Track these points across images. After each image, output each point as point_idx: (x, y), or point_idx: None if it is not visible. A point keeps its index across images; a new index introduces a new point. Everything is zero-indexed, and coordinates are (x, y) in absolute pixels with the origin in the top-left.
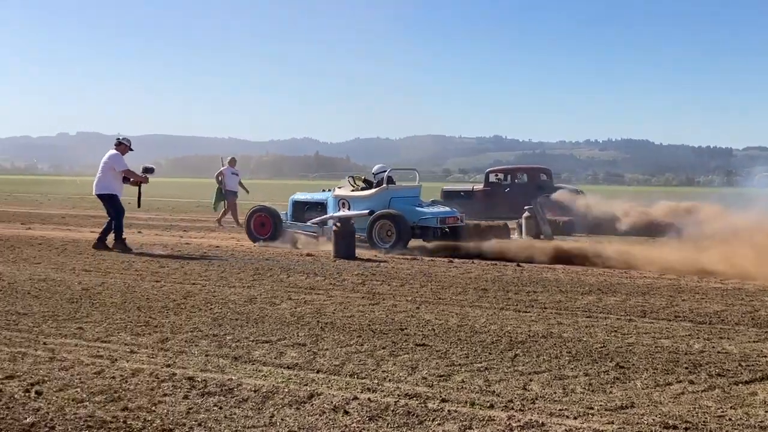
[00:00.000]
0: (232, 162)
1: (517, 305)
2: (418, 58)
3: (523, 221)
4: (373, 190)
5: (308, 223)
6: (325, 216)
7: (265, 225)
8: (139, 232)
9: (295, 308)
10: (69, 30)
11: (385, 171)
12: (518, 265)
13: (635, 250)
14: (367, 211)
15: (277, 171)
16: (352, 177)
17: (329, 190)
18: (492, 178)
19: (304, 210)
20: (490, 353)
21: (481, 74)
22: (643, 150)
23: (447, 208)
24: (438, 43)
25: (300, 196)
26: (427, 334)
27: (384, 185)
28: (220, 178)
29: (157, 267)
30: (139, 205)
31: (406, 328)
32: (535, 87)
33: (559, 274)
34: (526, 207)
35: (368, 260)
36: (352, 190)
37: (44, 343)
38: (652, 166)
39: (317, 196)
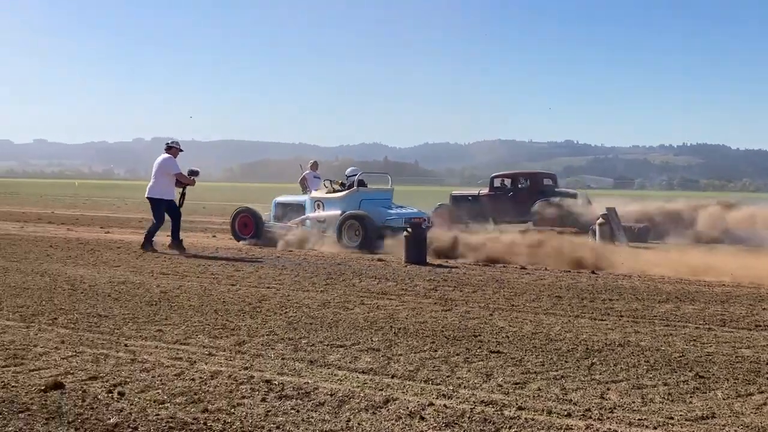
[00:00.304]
0: (314, 166)
1: (592, 313)
2: (488, 61)
3: (597, 228)
4: (344, 193)
5: (288, 223)
6: (302, 216)
7: (247, 225)
8: (214, 236)
9: (368, 313)
10: (143, 37)
11: (356, 175)
12: (593, 272)
13: None
14: (339, 212)
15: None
16: (329, 180)
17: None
18: (496, 182)
19: (286, 211)
20: (566, 361)
21: (553, 77)
22: (720, 155)
23: (414, 209)
24: (507, 46)
25: (282, 198)
26: (501, 341)
27: (354, 188)
28: (305, 184)
29: (232, 271)
30: (180, 206)
31: (479, 335)
32: (609, 90)
33: (635, 282)
34: (600, 213)
35: (439, 266)
36: (327, 193)
37: (125, 345)
38: (728, 171)
39: (297, 198)
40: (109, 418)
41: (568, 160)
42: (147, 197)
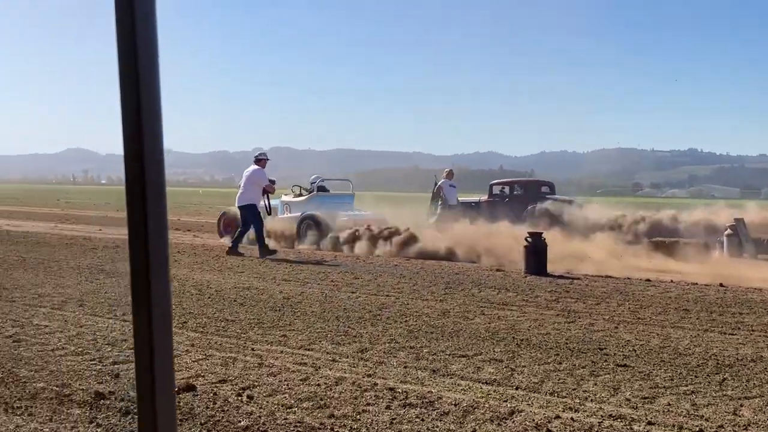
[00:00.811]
0: (450, 174)
1: (722, 327)
2: (608, 67)
3: (725, 239)
4: (306, 196)
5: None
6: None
7: (229, 225)
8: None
9: (489, 323)
10: (261, 51)
11: (316, 181)
12: (721, 285)
13: None
14: (300, 213)
15: (460, 185)
16: (298, 186)
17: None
18: (495, 190)
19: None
20: (695, 376)
21: (676, 83)
22: None
23: (370, 213)
24: (627, 51)
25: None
26: (627, 355)
27: (314, 192)
28: (441, 193)
29: (351, 278)
30: (269, 213)
31: (605, 348)
32: (735, 96)
33: (765, 295)
34: (727, 224)
35: (560, 277)
36: (294, 197)
37: (252, 349)
38: None
39: (272, 203)
40: (240, 421)
41: (692, 168)
42: (238, 206)
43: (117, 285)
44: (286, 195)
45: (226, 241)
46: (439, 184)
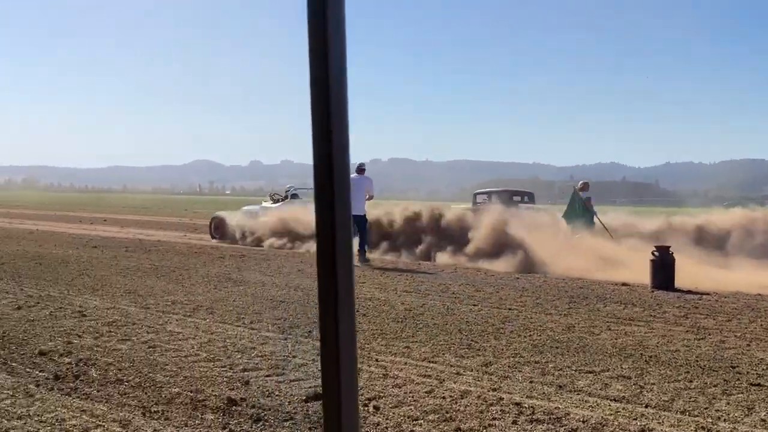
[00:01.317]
0: (586, 186)
1: None
2: (738, 75)
3: None
4: (280, 203)
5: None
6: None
7: (218, 228)
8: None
9: (616, 339)
10: (382, 63)
11: (290, 190)
12: None
13: None
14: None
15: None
16: (277, 194)
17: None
18: (479, 198)
19: (248, 217)
20: None
21: None
22: None
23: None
24: (758, 56)
25: (246, 208)
26: (761, 374)
27: (288, 199)
28: (589, 204)
29: (472, 291)
30: None
31: (737, 366)
32: None
33: None
34: None
35: (688, 292)
36: (273, 203)
37: (376, 360)
38: None
39: (255, 208)
40: None
41: None
42: (361, 215)
43: (244, 294)
44: (265, 201)
45: (216, 240)
46: (585, 196)
